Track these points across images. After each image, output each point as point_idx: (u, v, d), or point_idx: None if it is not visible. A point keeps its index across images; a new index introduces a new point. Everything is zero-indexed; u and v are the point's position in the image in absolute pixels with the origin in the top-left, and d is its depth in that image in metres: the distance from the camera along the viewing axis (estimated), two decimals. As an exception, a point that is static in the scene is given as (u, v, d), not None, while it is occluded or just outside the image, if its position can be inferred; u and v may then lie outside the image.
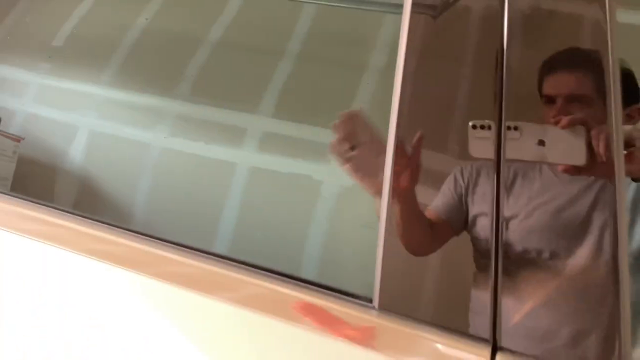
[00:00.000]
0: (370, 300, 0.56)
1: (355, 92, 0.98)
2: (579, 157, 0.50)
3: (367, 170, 0.68)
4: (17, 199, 0.80)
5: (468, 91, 0.59)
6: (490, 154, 0.54)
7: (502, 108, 0.55)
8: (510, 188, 0.53)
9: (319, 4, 1.15)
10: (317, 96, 1.03)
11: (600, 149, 0.49)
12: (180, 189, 1.00)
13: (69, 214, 0.75)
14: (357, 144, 0.69)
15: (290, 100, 1.04)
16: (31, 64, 1.24)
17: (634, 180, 0.54)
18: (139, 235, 0.70)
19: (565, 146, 0.51)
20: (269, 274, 0.61)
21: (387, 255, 0.56)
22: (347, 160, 0.69)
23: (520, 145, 0.53)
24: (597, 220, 0.49)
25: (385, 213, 0.57)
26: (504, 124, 0.54)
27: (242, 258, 0.64)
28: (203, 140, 1.04)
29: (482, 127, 0.56)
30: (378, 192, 0.59)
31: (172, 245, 0.67)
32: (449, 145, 0.58)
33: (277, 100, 1.04)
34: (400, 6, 1.10)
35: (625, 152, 0.49)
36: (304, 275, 0.87)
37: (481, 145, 0.56)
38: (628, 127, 0.53)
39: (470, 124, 0.56)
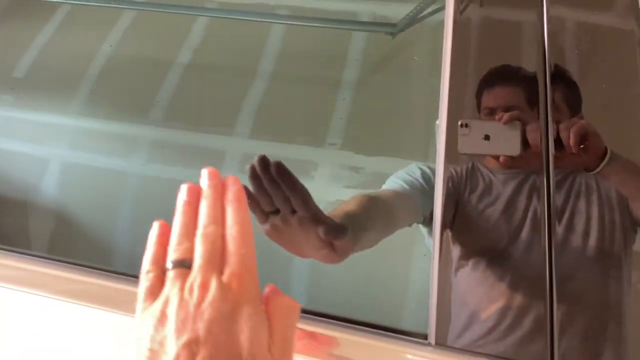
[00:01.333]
0: (425, 337, 0.56)
1: (332, 108, 1.00)
2: (515, 149, 0.60)
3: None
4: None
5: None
6: (475, 150, 0.61)
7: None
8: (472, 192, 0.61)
9: (286, 23, 1.17)
10: (294, 115, 1.04)
11: (536, 141, 0.60)
12: (161, 215, 0.98)
13: (41, 259, 0.74)
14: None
15: (266, 120, 1.04)
16: (-8, 97, 1.21)
17: (587, 171, 0.59)
18: (112, 273, 0.69)
19: (505, 139, 0.60)
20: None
21: (441, 290, 0.57)
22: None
23: (470, 140, 0.61)
24: (531, 212, 0.58)
25: (438, 247, 0.58)
26: (461, 122, 0.60)
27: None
28: (181, 165, 1.03)
29: (464, 125, 0.61)
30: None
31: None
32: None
33: (253, 121, 1.04)
34: (364, 23, 1.13)
35: (581, 146, 0.58)
36: (298, 295, 0.87)
37: (465, 141, 0.61)
38: (583, 122, 0.58)
39: (459, 122, 0.61)
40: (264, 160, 0.53)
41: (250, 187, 0.54)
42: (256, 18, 1.18)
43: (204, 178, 0.41)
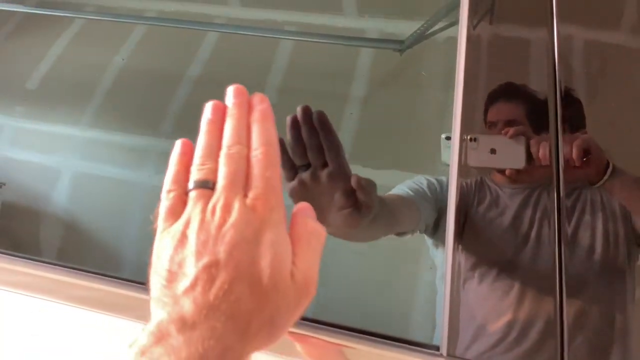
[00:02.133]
0: (437, 348, 0.57)
1: (339, 122, 1.01)
2: (520, 162, 0.61)
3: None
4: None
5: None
6: (483, 163, 0.62)
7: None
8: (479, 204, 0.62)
9: (294, 39, 1.19)
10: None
11: (540, 154, 0.61)
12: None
13: (51, 265, 0.75)
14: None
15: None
16: (5, 107, 1.23)
17: (591, 184, 0.60)
18: (120, 280, 0.70)
19: (510, 153, 0.62)
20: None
21: (453, 301, 0.58)
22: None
23: (478, 154, 0.62)
24: (537, 226, 0.59)
25: (450, 259, 0.59)
26: (467, 136, 0.62)
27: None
28: (190, 177, 1.04)
29: (472, 139, 0.62)
30: None
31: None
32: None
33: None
34: (372, 40, 1.15)
35: (584, 159, 0.60)
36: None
37: (474, 155, 0.62)
38: (585, 136, 0.59)
39: (467, 137, 0.62)
40: (306, 110, 0.55)
41: (287, 138, 0.54)
42: (265, 34, 1.20)
43: (230, 96, 0.39)
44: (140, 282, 0.69)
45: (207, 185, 0.35)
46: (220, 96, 1.26)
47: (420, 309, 0.83)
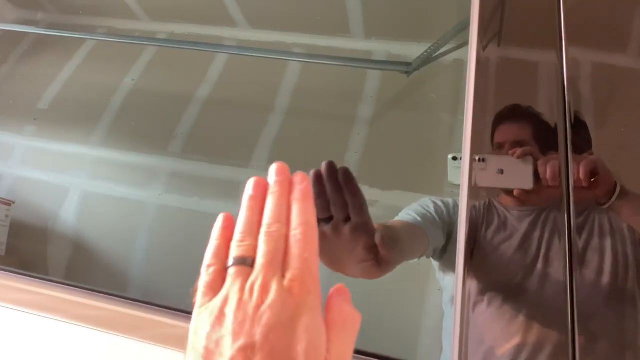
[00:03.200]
0: None
1: (347, 143, 1.02)
2: (528, 183, 0.61)
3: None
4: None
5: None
6: (491, 183, 0.61)
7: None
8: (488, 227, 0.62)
9: (302, 61, 1.20)
10: (309, 148, 1.06)
11: (547, 175, 0.60)
12: (177, 245, 1.00)
13: (58, 284, 0.75)
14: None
15: (282, 154, 1.06)
16: (16, 127, 1.24)
17: (599, 205, 0.60)
18: (127, 300, 0.70)
19: (518, 174, 0.62)
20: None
21: (463, 326, 0.57)
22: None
23: (486, 174, 0.62)
24: (545, 248, 0.59)
25: (461, 283, 0.59)
26: (475, 157, 0.62)
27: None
28: (198, 196, 1.04)
29: (481, 160, 0.63)
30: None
31: (163, 308, 0.67)
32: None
33: (269, 154, 1.06)
34: (380, 62, 1.16)
35: (592, 180, 0.59)
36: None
37: (482, 176, 0.62)
38: (593, 157, 0.59)
39: (475, 157, 0.62)
40: (331, 165, 0.55)
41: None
42: (273, 55, 1.21)
43: (272, 173, 0.39)
44: (147, 302, 0.69)
45: (246, 263, 0.35)
46: (229, 116, 1.27)
47: (428, 332, 0.82)
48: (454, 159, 0.87)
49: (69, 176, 1.15)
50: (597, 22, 0.66)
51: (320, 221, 0.57)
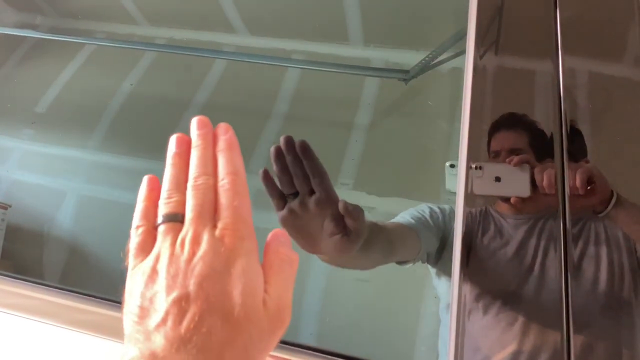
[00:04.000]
0: None
1: (344, 149, 1.02)
2: (525, 190, 0.61)
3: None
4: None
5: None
6: (487, 191, 0.61)
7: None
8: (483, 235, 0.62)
9: (301, 68, 1.21)
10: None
11: (544, 182, 0.60)
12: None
13: (53, 288, 0.74)
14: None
15: (280, 160, 1.06)
16: (14, 130, 1.24)
17: (596, 213, 0.60)
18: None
19: (515, 181, 0.62)
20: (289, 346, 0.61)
21: (459, 333, 0.57)
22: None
23: (483, 182, 0.62)
24: (541, 256, 0.59)
25: (457, 290, 0.59)
26: (472, 164, 0.62)
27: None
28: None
29: (478, 167, 0.63)
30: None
31: None
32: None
33: (267, 160, 1.06)
34: (378, 69, 1.17)
35: (588, 188, 0.59)
36: (304, 334, 0.86)
37: (479, 183, 0.62)
38: (589, 166, 0.60)
39: (472, 165, 0.63)
40: (289, 140, 0.55)
41: (273, 168, 0.55)
42: (272, 62, 1.22)
43: (194, 127, 0.39)
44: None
45: (175, 219, 0.34)
46: (228, 122, 1.27)
47: (424, 340, 0.82)
48: (452, 166, 0.87)
49: (65, 180, 1.14)
50: (593, 31, 0.66)
51: (286, 197, 0.57)
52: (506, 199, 0.63)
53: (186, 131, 0.39)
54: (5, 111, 1.28)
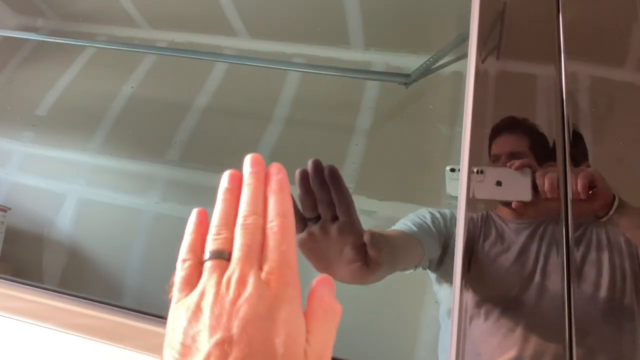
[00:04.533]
0: None
1: (345, 153, 1.02)
2: (526, 194, 0.61)
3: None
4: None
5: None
6: (489, 195, 0.61)
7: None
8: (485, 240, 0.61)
9: (302, 71, 1.21)
10: (307, 158, 1.05)
11: (545, 186, 0.60)
12: (173, 253, 0.99)
13: (50, 292, 0.74)
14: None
15: (281, 162, 1.06)
16: (14, 132, 1.24)
17: (598, 218, 0.60)
18: (123, 309, 0.69)
19: (516, 185, 0.61)
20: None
21: (460, 339, 0.57)
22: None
23: (484, 186, 0.61)
24: (542, 262, 0.58)
25: (458, 295, 0.58)
26: (474, 168, 0.62)
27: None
28: (195, 204, 1.04)
29: (479, 172, 0.62)
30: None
31: (158, 318, 0.67)
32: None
33: (267, 163, 1.06)
34: (378, 73, 1.17)
35: (590, 192, 0.59)
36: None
37: (480, 188, 0.62)
38: (590, 170, 0.59)
39: (473, 169, 0.62)
40: (317, 164, 0.55)
41: (297, 191, 0.54)
42: (273, 65, 1.22)
43: (247, 165, 0.38)
44: (143, 311, 0.68)
45: (222, 256, 0.34)
46: (228, 125, 1.28)
47: (424, 345, 0.81)
48: (452, 170, 0.87)
49: (65, 183, 1.14)
50: (595, 36, 0.66)
51: (308, 221, 0.57)
52: (507, 204, 0.63)
53: (186, 136, 0.39)
54: (5, 114, 1.28)
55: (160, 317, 0.66)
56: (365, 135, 1.06)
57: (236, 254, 0.34)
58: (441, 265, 0.73)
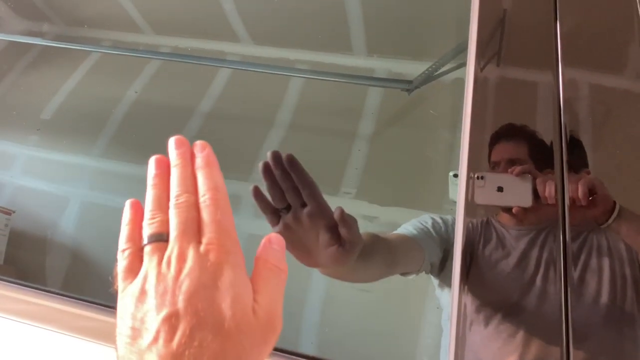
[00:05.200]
0: None
1: (347, 158, 1.02)
2: (527, 200, 0.61)
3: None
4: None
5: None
6: (490, 201, 0.62)
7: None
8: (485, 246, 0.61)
9: (305, 77, 1.22)
10: (309, 163, 1.05)
11: (546, 192, 0.60)
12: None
13: (54, 295, 0.75)
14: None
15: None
16: (19, 136, 1.25)
17: (598, 224, 0.60)
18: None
19: (517, 191, 0.62)
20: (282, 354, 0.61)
21: (459, 345, 0.57)
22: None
23: (485, 192, 0.62)
24: (543, 268, 0.58)
25: (457, 301, 0.58)
26: (473, 174, 0.62)
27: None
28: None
29: (479, 177, 0.63)
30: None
31: None
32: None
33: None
34: (381, 79, 1.18)
35: (590, 199, 0.59)
36: (305, 343, 0.86)
37: (480, 193, 0.62)
38: (591, 176, 0.60)
39: (474, 175, 0.63)
40: (276, 154, 0.56)
41: (264, 185, 0.55)
42: (276, 71, 1.22)
43: (172, 147, 0.39)
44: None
45: (160, 239, 0.35)
46: (231, 130, 1.28)
47: (426, 350, 0.81)
48: (455, 176, 0.87)
49: (69, 186, 1.15)
50: (593, 43, 0.67)
51: (279, 211, 0.58)
52: (508, 210, 0.63)
53: (189, 139, 0.40)
54: (11, 117, 1.29)
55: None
56: (368, 141, 1.07)
57: (173, 233, 0.35)
58: (443, 270, 0.74)
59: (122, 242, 0.37)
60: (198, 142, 0.40)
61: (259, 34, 1.29)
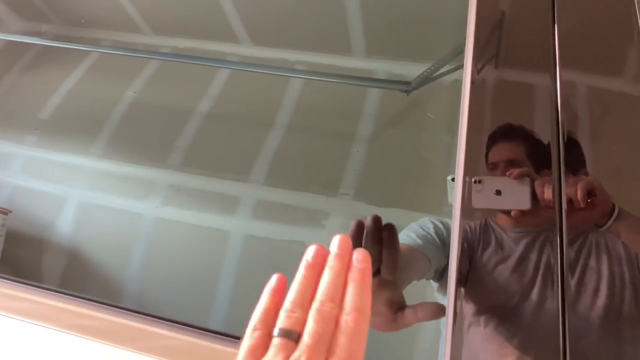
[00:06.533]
0: None
1: (346, 159, 1.02)
2: (525, 203, 0.61)
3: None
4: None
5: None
6: (488, 205, 0.62)
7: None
8: (483, 250, 0.62)
9: (304, 78, 1.22)
10: (308, 164, 1.06)
11: (544, 195, 0.61)
12: (173, 258, 0.99)
13: (51, 292, 0.74)
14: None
15: (281, 169, 1.06)
16: (17, 136, 1.25)
17: (597, 227, 0.59)
18: (123, 310, 0.69)
19: (515, 194, 0.62)
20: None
21: (455, 348, 0.57)
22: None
23: (483, 195, 0.62)
24: (542, 270, 0.59)
25: (452, 305, 0.58)
26: (472, 178, 0.62)
27: (237, 333, 0.63)
28: (195, 209, 1.04)
29: (477, 181, 0.63)
30: None
31: (158, 319, 0.67)
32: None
33: (268, 169, 1.06)
34: (380, 80, 1.18)
35: (588, 200, 0.59)
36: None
37: (478, 197, 0.62)
38: (589, 178, 0.59)
39: (471, 179, 0.63)
40: (377, 219, 0.56)
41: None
42: (275, 72, 1.22)
43: (334, 244, 0.38)
44: (143, 312, 0.69)
45: (291, 337, 0.34)
46: (229, 131, 1.28)
47: (424, 353, 0.81)
48: (454, 179, 0.87)
49: (67, 186, 1.15)
50: (590, 45, 0.67)
51: None
52: (506, 212, 0.63)
53: (187, 142, 0.40)
54: (8, 117, 1.29)
55: (160, 318, 0.66)
56: (366, 142, 1.07)
57: (306, 339, 0.34)
58: (444, 274, 0.74)
59: (255, 319, 0.36)
60: (361, 251, 0.39)
61: (258, 35, 1.29)
